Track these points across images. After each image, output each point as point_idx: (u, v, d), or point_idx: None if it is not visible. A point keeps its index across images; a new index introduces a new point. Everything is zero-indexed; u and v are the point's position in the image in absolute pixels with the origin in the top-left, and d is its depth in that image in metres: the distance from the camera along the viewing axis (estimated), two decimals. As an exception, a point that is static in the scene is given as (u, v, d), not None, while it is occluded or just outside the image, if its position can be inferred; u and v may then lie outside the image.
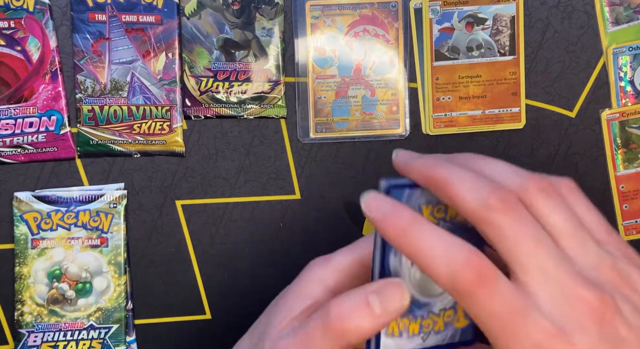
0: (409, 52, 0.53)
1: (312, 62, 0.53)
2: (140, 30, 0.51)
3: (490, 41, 0.53)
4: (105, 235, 0.52)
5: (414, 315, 0.32)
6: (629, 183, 0.55)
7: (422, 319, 0.33)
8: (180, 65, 0.52)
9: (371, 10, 0.52)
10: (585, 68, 0.54)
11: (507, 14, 0.53)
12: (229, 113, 0.52)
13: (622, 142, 0.54)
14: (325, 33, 0.52)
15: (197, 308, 0.54)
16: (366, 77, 0.53)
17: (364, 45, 0.53)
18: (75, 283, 0.52)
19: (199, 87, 0.52)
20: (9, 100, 0.51)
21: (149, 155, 0.52)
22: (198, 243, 0.54)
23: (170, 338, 0.54)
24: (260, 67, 0.52)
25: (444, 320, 0.33)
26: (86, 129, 0.51)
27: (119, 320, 0.52)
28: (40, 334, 0.52)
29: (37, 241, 0.51)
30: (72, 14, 0.51)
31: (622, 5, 0.53)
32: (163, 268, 0.53)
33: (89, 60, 0.51)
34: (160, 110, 0.52)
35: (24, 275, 0.51)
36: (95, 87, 0.51)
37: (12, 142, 0.51)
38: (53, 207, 0.51)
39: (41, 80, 0.51)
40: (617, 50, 0.53)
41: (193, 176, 0.53)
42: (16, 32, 0.50)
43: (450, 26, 0.53)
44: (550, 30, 0.53)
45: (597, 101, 0.54)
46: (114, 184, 0.52)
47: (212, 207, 0.53)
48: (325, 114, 0.53)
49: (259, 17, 0.52)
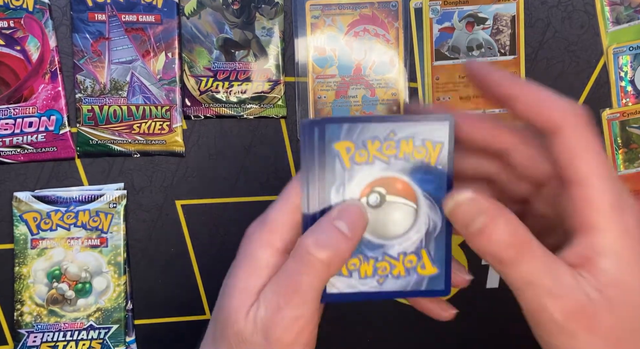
0: (409, 51, 0.53)
1: (312, 61, 0.53)
2: (140, 29, 0.51)
3: (490, 41, 0.53)
4: (105, 235, 0.52)
5: (364, 256, 0.32)
6: (630, 183, 0.55)
7: (376, 262, 0.32)
8: (180, 65, 0.52)
9: (371, 9, 0.52)
10: (586, 68, 0.54)
11: (507, 14, 0.53)
12: (229, 113, 0.52)
13: (622, 142, 0.54)
14: (325, 33, 0.52)
15: (197, 308, 0.54)
16: (366, 76, 0.53)
17: (364, 45, 0.53)
18: (75, 283, 0.52)
19: (199, 87, 0.52)
20: (9, 100, 0.50)
21: (148, 155, 0.52)
22: (198, 243, 0.53)
23: (170, 338, 0.54)
24: (260, 67, 0.52)
25: (404, 265, 0.33)
26: (86, 129, 0.51)
27: (118, 320, 0.52)
28: (40, 335, 0.52)
29: (36, 241, 0.51)
30: (72, 13, 0.50)
31: (623, 4, 0.53)
32: (163, 268, 0.53)
33: (89, 60, 0.51)
34: (160, 110, 0.51)
35: (23, 275, 0.51)
36: (95, 86, 0.51)
37: (12, 141, 0.51)
38: (53, 207, 0.51)
39: (41, 80, 0.51)
40: (618, 50, 0.53)
41: (193, 176, 0.53)
42: (16, 32, 0.50)
43: (450, 26, 0.53)
44: (550, 30, 0.53)
45: (598, 101, 0.54)
46: (113, 184, 0.52)
47: (212, 207, 0.53)
48: (325, 114, 0.53)
49: (259, 17, 0.52)
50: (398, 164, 0.31)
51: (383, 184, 0.32)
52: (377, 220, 0.32)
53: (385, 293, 0.33)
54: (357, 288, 0.32)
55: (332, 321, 0.55)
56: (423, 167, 0.31)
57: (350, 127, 0.31)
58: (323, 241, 0.30)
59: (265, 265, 0.32)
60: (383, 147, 0.31)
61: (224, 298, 0.33)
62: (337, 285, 0.32)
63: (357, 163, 0.31)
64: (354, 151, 0.31)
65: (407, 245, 0.32)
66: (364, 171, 0.31)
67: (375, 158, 0.31)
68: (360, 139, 0.31)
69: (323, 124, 0.31)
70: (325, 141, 0.31)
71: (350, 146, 0.31)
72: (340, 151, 0.31)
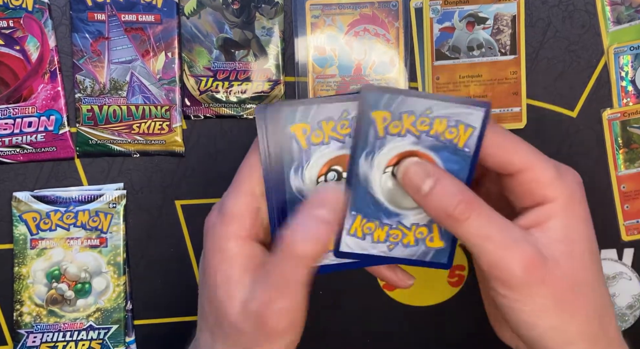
0: (409, 51, 0.53)
1: (312, 61, 0.52)
2: (139, 29, 0.51)
3: (491, 40, 0.53)
4: (104, 235, 0.52)
5: (380, 222, 0.33)
6: (630, 183, 0.55)
7: (390, 229, 0.34)
8: (180, 64, 0.51)
9: (371, 9, 0.52)
10: (587, 68, 0.54)
11: (508, 13, 0.52)
12: (229, 113, 0.52)
13: (623, 142, 0.54)
14: (326, 32, 0.52)
15: (197, 308, 0.54)
16: (366, 76, 0.53)
17: (364, 45, 0.52)
18: (75, 284, 0.52)
19: (199, 87, 0.52)
20: (8, 100, 0.50)
21: (148, 154, 0.52)
22: (198, 243, 0.53)
23: (170, 338, 0.54)
24: (260, 67, 0.52)
25: (415, 236, 0.34)
26: (85, 129, 0.51)
27: (118, 321, 0.52)
28: (40, 335, 0.51)
29: (36, 241, 0.51)
30: (71, 13, 0.50)
31: (624, 4, 0.53)
32: (163, 268, 0.53)
33: (88, 60, 0.51)
34: (160, 110, 0.51)
35: (23, 275, 0.51)
36: (95, 86, 0.51)
37: (11, 141, 0.51)
38: (52, 207, 0.51)
39: (40, 80, 0.50)
40: (619, 50, 0.53)
41: (193, 176, 0.53)
42: (15, 32, 0.50)
43: (450, 25, 0.53)
44: (551, 30, 0.53)
45: (598, 101, 0.54)
46: (113, 184, 0.52)
47: (212, 207, 0.53)
48: (325, 114, 0.53)
49: (259, 17, 0.51)
50: (428, 140, 0.32)
51: (340, 162, 0.33)
52: (397, 190, 0.33)
53: (392, 258, 0.34)
54: (367, 250, 0.34)
55: (331, 319, 0.55)
56: (451, 147, 0.33)
57: (305, 109, 0.32)
58: (306, 235, 0.31)
59: (236, 254, 0.33)
60: (417, 121, 0.32)
61: (209, 290, 0.34)
62: (350, 244, 0.34)
63: (314, 144, 0.32)
64: (310, 132, 0.32)
65: (420, 217, 0.34)
66: (320, 151, 0.32)
67: (334, 138, 0.32)
68: (315, 120, 0.32)
69: (278, 108, 0.31)
70: (281, 124, 0.31)
71: (306, 127, 0.32)
72: (297, 133, 0.32)
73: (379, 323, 0.55)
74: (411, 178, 0.32)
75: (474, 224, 0.31)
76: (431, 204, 0.32)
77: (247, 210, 0.33)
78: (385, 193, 0.33)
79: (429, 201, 0.32)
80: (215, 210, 0.35)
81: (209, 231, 0.34)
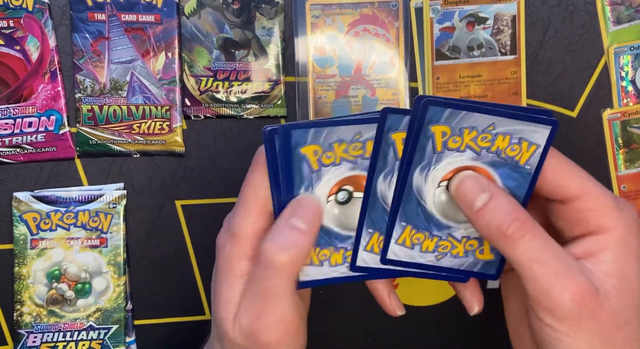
0: (409, 51, 0.53)
1: (312, 61, 0.52)
2: (139, 29, 0.51)
3: (491, 40, 0.53)
4: (104, 235, 0.52)
5: (430, 233, 0.33)
6: (630, 183, 0.55)
7: (440, 240, 0.33)
8: (180, 64, 0.51)
9: (371, 9, 0.52)
10: (587, 68, 0.54)
11: (508, 13, 0.52)
12: (229, 113, 0.52)
13: (623, 142, 0.54)
14: (326, 32, 0.52)
15: (197, 308, 0.54)
16: (366, 76, 0.53)
17: (364, 45, 0.52)
18: (75, 284, 0.52)
19: (199, 87, 0.52)
20: (8, 100, 0.50)
21: (148, 155, 0.52)
22: (198, 243, 0.53)
23: (170, 338, 0.54)
24: (260, 67, 0.52)
25: (465, 248, 0.34)
26: (85, 129, 0.51)
27: (118, 321, 0.52)
28: (40, 335, 0.51)
29: (36, 241, 0.51)
30: (72, 13, 0.50)
31: (624, 4, 0.53)
32: (163, 269, 0.53)
33: (89, 60, 0.51)
34: (160, 110, 0.51)
35: (23, 275, 0.51)
36: (95, 86, 0.51)
37: (11, 141, 0.51)
38: (52, 207, 0.51)
39: (40, 80, 0.50)
40: (619, 50, 0.53)
41: (193, 176, 0.53)
42: (15, 32, 0.50)
43: (451, 25, 0.53)
44: (551, 30, 0.53)
45: (599, 101, 0.54)
46: (113, 184, 0.52)
47: (212, 207, 0.53)
48: (325, 114, 0.53)
49: (259, 17, 0.51)
50: (488, 157, 0.32)
51: (350, 182, 0.33)
52: (450, 204, 0.33)
53: (440, 267, 0.34)
54: (415, 259, 0.34)
55: (331, 319, 0.55)
56: (512, 164, 0.32)
57: (316, 131, 0.31)
58: (282, 244, 0.31)
59: (241, 274, 0.33)
60: (479, 138, 0.31)
61: (214, 307, 0.35)
62: (398, 252, 0.34)
63: (325, 165, 0.32)
64: (321, 154, 0.32)
65: (472, 231, 0.33)
66: (332, 171, 0.32)
67: (345, 159, 0.32)
68: (327, 142, 0.32)
69: (288, 130, 0.31)
70: (292, 146, 0.31)
71: (317, 149, 0.32)
72: (308, 154, 0.32)
73: (379, 323, 0.55)
74: (465, 193, 0.31)
75: (527, 245, 0.30)
76: (483, 220, 0.31)
77: (254, 231, 0.34)
78: (438, 206, 0.33)
79: (481, 217, 0.31)
80: (224, 228, 0.35)
81: (220, 251, 0.35)
